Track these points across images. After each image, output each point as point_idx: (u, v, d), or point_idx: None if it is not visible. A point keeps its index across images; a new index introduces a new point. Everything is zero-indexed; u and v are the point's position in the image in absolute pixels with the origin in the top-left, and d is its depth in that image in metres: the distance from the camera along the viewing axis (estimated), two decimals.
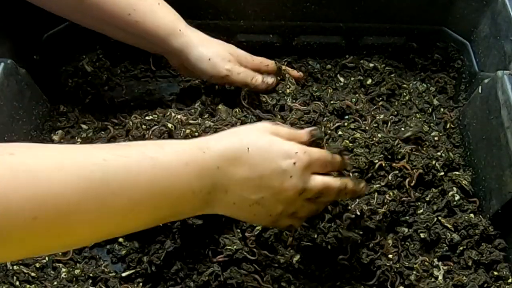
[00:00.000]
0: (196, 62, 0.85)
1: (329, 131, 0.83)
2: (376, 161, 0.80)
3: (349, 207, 0.77)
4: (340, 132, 0.83)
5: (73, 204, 0.50)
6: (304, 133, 0.70)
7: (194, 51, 0.85)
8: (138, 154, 0.56)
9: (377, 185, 0.80)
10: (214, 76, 0.86)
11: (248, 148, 0.62)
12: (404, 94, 0.98)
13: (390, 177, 0.81)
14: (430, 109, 0.98)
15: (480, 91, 0.86)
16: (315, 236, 0.76)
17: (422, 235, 0.80)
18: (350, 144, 0.81)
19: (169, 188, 0.57)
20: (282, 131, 0.67)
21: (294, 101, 0.90)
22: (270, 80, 0.90)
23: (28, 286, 0.75)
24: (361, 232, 0.78)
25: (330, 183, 0.68)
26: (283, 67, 0.94)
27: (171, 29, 0.84)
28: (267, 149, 0.64)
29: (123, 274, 0.78)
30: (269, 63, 0.92)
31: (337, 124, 0.86)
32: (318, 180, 0.67)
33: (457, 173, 0.86)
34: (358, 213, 0.77)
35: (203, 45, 0.86)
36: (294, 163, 0.64)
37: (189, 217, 0.76)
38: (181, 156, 0.59)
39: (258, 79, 0.88)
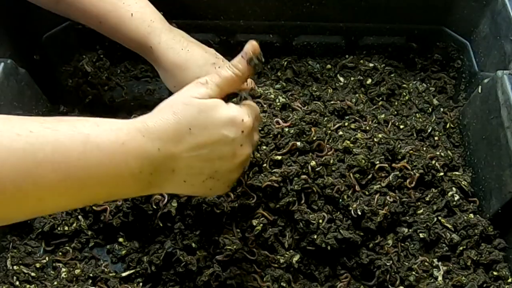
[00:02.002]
0: (166, 83, 0.83)
1: (329, 131, 0.83)
2: (377, 162, 0.80)
3: (350, 208, 0.77)
4: (340, 133, 0.83)
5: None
6: (241, 70, 0.66)
7: (163, 74, 0.82)
8: (69, 129, 0.55)
9: (378, 186, 0.80)
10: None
11: (189, 127, 0.60)
12: (404, 94, 0.98)
13: (390, 178, 0.81)
14: (430, 109, 0.98)
15: (480, 91, 0.86)
16: (315, 236, 0.76)
17: (422, 235, 0.80)
18: (351, 145, 0.81)
19: (101, 166, 0.56)
20: (216, 84, 0.64)
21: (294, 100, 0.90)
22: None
23: (28, 286, 0.75)
24: (361, 233, 0.78)
25: (254, 108, 0.68)
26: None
27: (141, 45, 0.82)
28: (210, 121, 0.61)
29: (123, 274, 0.78)
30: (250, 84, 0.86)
31: (337, 125, 0.86)
32: (258, 134, 0.68)
33: (457, 173, 0.86)
34: (359, 213, 0.77)
35: (174, 69, 0.80)
36: (242, 131, 0.63)
37: (135, 197, 0.74)
38: (117, 135, 0.57)
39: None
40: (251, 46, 0.66)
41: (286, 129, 0.80)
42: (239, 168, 0.66)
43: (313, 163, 0.78)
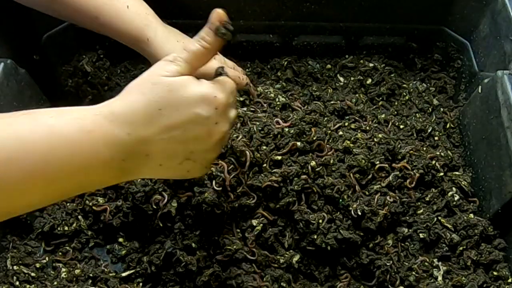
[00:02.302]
0: (161, 47, 0.81)
1: (329, 131, 0.83)
2: (377, 162, 0.80)
3: (350, 208, 0.77)
4: (341, 133, 0.83)
5: None
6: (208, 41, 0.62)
7: (163, 36, 0.82)
8: (31, 121, 0.53)
9: (378, 186, 0.80)
10: None
11: (159, 108, 0.57)
12: (404, 94, 0.98)
13: (390, 178, 0.81)
14: (430, 109, 0.98)
15: (480, 91, 0.86)
16: (315, 236, 0.76)
17: (422, 235, 0.80)
18: (352, 145, 0.81)
19: (68, 157, 0.53)
20: (185, 59, 0.60)
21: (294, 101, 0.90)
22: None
23: (28, 286, 0.75)
24: (361, 233, 0.78)
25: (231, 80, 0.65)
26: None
27: (137, 37, 0.81)
28: (181, 100, 0.58)
29: (123, 274, 0.78)
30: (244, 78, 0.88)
31: (337, 125, 0.86)
32: (235, 110, 0.65)
33: (457, 173, 0.86)
34: (359, 214, 0.77)
35: (170, 31, 0.83)
36: (216, 108, 0.60)
37: (111, 185, 0.71)
38: (83, 123, 0.54)
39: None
40: (217, 14, 0.63)
41: (286, 129, 0.80)
42: (216, 147, 0.63)
43: (313, 163, 0.78)
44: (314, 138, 0.80)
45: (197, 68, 0.62)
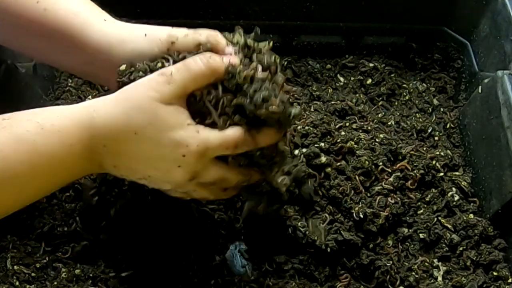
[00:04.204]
0: (130, 46, 0.65)
1: (332, 131, 0.83)
2: (380, 163, 0.80)
3: (352, 211, 0.77)
4: (343, 133, 0.83)
5: None
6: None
7: (127, 34, 0.65)
8: (14, 140, 0.54)
9: (379, 187, 0.80)
10: (154, 54, 0.64)
11: (135, 132, 0.58)
12: (404, 94, 0.98)
13: (392, 179, 0.81)
14: (430, 109, 0.97)
15: (480, 91, 0.86)
16: (315, 238, 0.76)
17: (422, 236, 0.80)
18: (356, 146, 0.81)
19: (51, 172, 0.57)
20: (183, 79, 0.58)
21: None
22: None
23: (28, 286, 0.75)
24: (362, 235, 0.78)
25: (227, 177, 0.63)
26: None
27: (91, 18, 0.66)
28: (156, 137, 0.58)
29: (123, 274, 0.78)
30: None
31: (338, 125, 0.86)
32: (213, 172, 0.62)
33: (457, 173, 0.86)
34: (361, 216, 0.77)
35: (134, 27, 0.67)
36: (184, 156, 0.59)
37: None
38: (64, 138, 0.56)
39: (214, 34, 0.65)
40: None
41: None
42: (174, 185, 0.63)
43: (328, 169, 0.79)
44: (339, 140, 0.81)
45: (191, 91, 0.60)
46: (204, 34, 0.62)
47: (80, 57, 0.66)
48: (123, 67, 0.63)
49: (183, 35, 0.63)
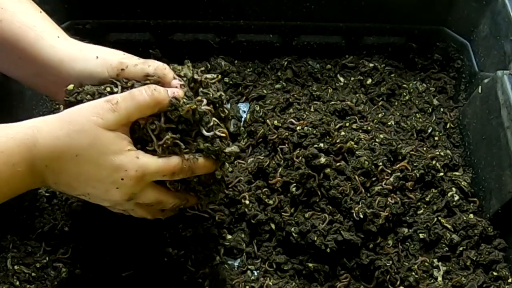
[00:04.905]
0: (80, 66, 0.66)
1: (331, 131, 0.83)
2: (380, 164, 0.80)
3: (352, 211, 0.77)
4: (343, 133, 0.83)
5: None
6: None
7: (78, 53, 0.67)
8: None
9: (379, 187, 0.80)
10: (104, 77, 0.66)
11: (76, 154, 0.60)
12: (404, 94, 0.98)
13: (392, 179, 0.81)
14: (430, 109, 0.97)
15: (480, 91, 0.86)
16: (315, 238, 0.76)
17: (422, 236, 0.80)
18: (355, 146, 0.81)
19: None
20: (126, 108, 0.61)
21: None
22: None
23: (28, 286, 0.75)
24: (362, 235, 0.78)
25: (163, 200, 0.67)
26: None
27: (45, 33, 0.68)
28: (97, 160, 0.61)
29: (123, 274, 0.78)
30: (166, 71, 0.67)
31: (338, 125, 0.86)
32: (150, 195, 0.65)
33: (456, 173, 0.86)
34: (361, 216, 0.77)
35: (87, 48, 0.68)
36: (122, 179, 0.62)
37: None
38: (7, 158, 0.58)
39: (162, 67, 0.66)
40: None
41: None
42: (113, 204, 0.66)
43: (327, 170, 0.79)
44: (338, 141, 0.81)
45: (134, 119, 0.62)
46: (153, 66, 0.65)
47: (30, 69, 0.68)
48: (70, 86, 0.65)
49: (133, 64, 0.65)
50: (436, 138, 0.92)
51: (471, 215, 0.82)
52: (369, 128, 0.87)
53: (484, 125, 0.85)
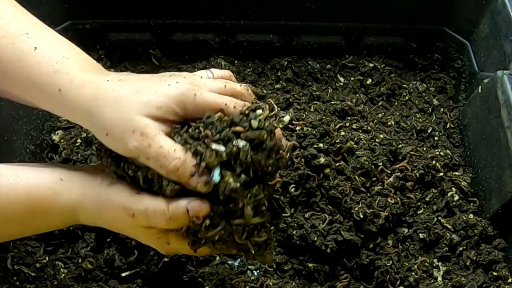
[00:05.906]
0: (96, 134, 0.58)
1: (331, 131, 0.83)
2: (380, 164, 0.80)
3: (352, 211, 0.77)
4: (343, 133, 0.83)
5: None
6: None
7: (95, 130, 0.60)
8: (14, 195, 0.59)
9: (379, 187, 0.80)
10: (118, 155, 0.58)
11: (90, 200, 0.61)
12: (404, 94, 0.98)
13: (392, 179, 0.81)
14: (430, 109, 0.98)
15: (480, 91, 0.86)
16: (315, 238, 0.76)
17: (421, 236, 0.80)
18: (355, 146, 0.81)
19: (42, 220, 0.62)
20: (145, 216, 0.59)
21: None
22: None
23: (28, 286, 0.75)
24: (362, 235, 0.78)
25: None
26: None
27: (44, 88, 0.59)
28: (106, 205, 0.60)
29: (123, 274, 0.78)
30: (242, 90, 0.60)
31: (338, 125, 0.86)
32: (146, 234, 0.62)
33: (457, 173, 0.86)
34: (361, 216, 0.77)
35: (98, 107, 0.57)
36: (133, 215, 0.59)
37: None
38: (54, 197, 0.61)
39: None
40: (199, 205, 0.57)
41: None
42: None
43: (327, 170, 0.78)
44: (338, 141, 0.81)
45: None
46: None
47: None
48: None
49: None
50: (436, 138, 0.92)
51: (471, 215, 0.82)
52: (369, 128, 0.87)
53: (484, 125, 0.85)
